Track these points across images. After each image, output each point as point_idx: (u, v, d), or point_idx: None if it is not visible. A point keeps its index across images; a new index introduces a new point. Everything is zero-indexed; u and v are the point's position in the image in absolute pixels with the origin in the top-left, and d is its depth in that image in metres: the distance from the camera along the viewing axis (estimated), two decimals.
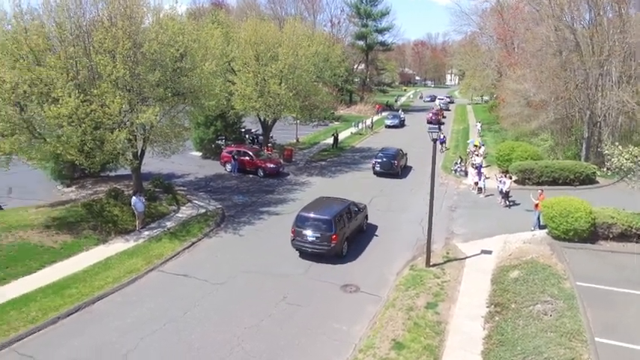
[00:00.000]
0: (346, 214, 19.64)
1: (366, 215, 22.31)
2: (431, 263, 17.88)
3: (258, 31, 32.17)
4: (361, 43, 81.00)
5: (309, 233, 18.41)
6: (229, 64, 32.65)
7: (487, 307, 14.90)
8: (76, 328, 13.83)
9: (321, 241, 18.17)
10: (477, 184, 27.84)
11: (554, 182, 27.59)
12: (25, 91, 18.35)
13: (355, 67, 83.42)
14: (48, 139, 19.41)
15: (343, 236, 18.79)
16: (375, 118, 61.52)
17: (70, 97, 18.25)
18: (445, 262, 18.25)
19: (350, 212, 20.08)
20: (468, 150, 38.56)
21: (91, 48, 20.01)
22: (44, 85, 18.67)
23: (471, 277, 17.10)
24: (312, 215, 18.80)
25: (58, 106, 18.08)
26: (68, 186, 28.15)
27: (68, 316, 14.39)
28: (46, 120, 18.59)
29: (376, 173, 32.59)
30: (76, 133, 18.87)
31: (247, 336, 13.38)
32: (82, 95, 18.90)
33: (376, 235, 21.60)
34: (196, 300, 15.40)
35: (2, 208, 23.81)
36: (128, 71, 19.67)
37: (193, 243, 20.29)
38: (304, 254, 18.85)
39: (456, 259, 18.57)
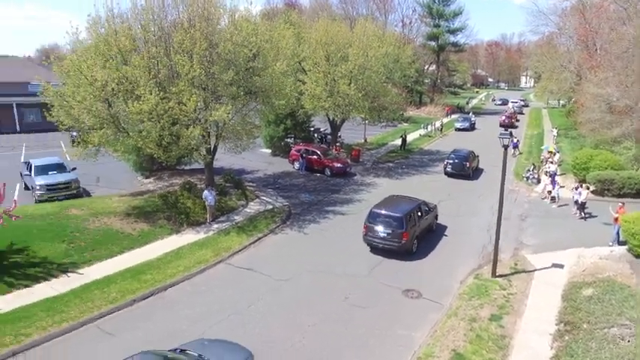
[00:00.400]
0: (417, 212, 19.94)
1: (436, 215, 22.41)
2: (497, 273, 17.25)
3: (329, 32, 32.53)
4: (432, 43, 79.35)
5: (381, 229, 18.88)
6: (300, 64, 33.31)
7: (556, 324, 14.12)
8: (150, 312, 14.75)
9: (392, 238, 18.60)
10: (550, 192, 26.53)
11: (638, 195, 25.68)
12: (112, 89, 19.78)
13: (426, 67, 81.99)
14: (131, 133, 20.80)
15: (413, 234, 19.11)
16: (445, 120, 60.18)
17: (150, 94, 19.37)
18: (512, 274, 17.54)
19: (420, 211, 20.37)
20: (541, 156, 36.79)
21: (171, 48, 21.14)
22: (129, 83, 19.98)
23: (539, 290, 16.31)
24: (384, 212, 19.27)
25: (140, 102, 19.26)
26: (147, 177, 30.06)
27: (143, 299, 15.38)
28: (129, 115, 19.95)
29: (447, 174, 32.53)
30: (155, 129, 20.06)
31: (309, 334, 13.61)
32: (161, 93, 19.96)
33: (445, 235, 21.56)
34: (261, 294, 15.86)
35: (91, 195, 25.94)
36: (204, 70, 20.52)
37: (259, 238, 20.89)
38: (375, 249, 19.29)
39: (524, 271, 17.80)
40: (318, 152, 33.25)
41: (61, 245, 18.23)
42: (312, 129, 42.01)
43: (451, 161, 32.54)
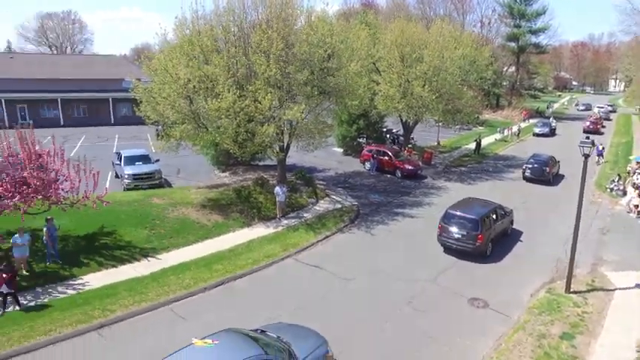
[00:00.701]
0: (492, 215, 19.70)
1: (512, 220, 21.91)
2: (572, 289, 16.21)
3: (405, 33, 32.26)
4: (512, 44, 75.94)
5: (455, 230, 18.86)
6: (374, 65, 33.26)
7: (637, 351, 12.99)
8: (220, 300, 15.49)
9: (467, 240, 18.53)
10: (637, 206, 24.63)
11: None
12: (194, 87, 20.92)
13: (504, 69, 78.67)
14: (209, 129, 21.89)
15: (488, 237, 18.92)
16: (523, 124, 57.50)
17: (228, 92, 20.26)
18: (589, 291, 16.41)
19: (496, 214, 20.09)
20: (628, 167, 34.14)
21: (249, 48, 21.90)
22: (210, 81, 21.00)
23: (619, 312, 15.11)
24: (459, 213, 19.22)
25: (219, 100, 20.20)
26: (223, 171, 31.43)
27: (214, 288, 16.17)
28: (208, 112, 20.94)
29: (526, 179, 31.75)
30: (231, 125, 20.93)
31: (370, 335, 13.63)
32: (238, 91, 20.82)
33: (521, 241, 21.05)
34: (325, 292, 16.11)
35: (171, 186, 27.65)
36: (279, 70, 21.08)
37: (327, 236, 21.16)
38: (449, 250, 19.29)
39: (602, 289, 16.59)
40: (390, 153, 33.08)
41: (144, 231, 19.62)
42: (384, 130, 41.79)
43: (530, 166, 31.64)
